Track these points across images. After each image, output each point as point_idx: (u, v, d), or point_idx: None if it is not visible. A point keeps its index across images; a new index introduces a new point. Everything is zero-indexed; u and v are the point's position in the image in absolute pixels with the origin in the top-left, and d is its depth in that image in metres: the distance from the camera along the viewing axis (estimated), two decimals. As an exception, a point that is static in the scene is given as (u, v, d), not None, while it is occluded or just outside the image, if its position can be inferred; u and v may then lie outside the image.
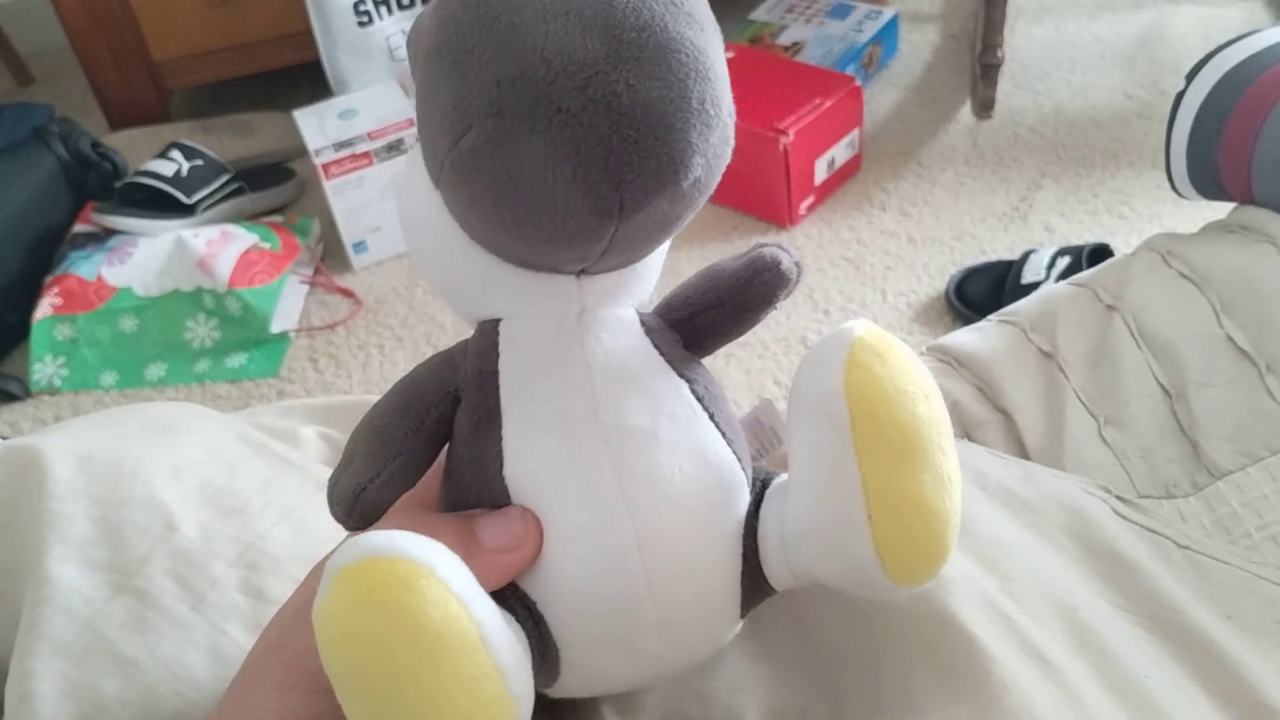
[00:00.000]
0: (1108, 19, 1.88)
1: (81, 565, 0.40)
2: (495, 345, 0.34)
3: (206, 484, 0.45)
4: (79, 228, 1.54)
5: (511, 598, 0.33)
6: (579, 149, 0.27)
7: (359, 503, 0.33)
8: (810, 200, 1.54)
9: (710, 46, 0.29)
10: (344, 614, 0.27)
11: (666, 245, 0.36)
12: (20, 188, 1.53)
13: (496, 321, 0.34)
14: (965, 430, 0.58)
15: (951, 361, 0.61)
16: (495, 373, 0.34)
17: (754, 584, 0.36)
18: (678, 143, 0.28)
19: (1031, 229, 1.48)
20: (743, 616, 0.37)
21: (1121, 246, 1.39)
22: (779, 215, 1.52)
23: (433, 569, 0.27)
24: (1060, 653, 0.41)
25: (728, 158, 0.31)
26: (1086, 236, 1.45)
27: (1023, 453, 0.55)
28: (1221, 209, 0.62)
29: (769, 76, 1.53)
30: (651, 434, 0.33)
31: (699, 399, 0.35)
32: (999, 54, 1.68)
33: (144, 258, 1.47)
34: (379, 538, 0.28)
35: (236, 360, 1.44)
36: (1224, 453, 0.50)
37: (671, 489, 0.33)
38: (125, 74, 1.77)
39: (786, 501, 0.35)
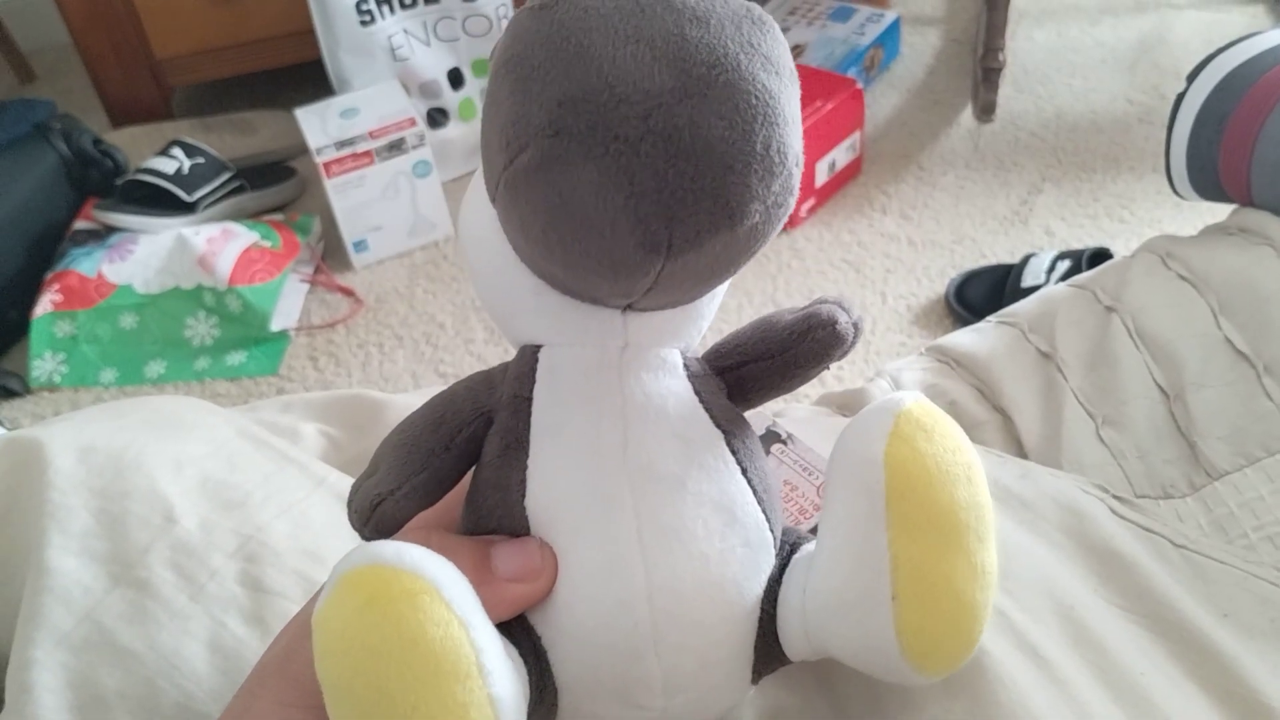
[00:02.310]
0: (1109, 24, 1.89)
1: (81, 556, 0.40)
2: (533, 371, 0.33)
3: (207, 477, 0.45)
4: (80, 225, 1.54)
5: (519, 630, 0.32)
6: (632, 179, 0.26)
7: (376, 513, 0.33)
8: (811, 203, 1.54)
9: (784, 92, 0.28)
10: (341, 619, 0.26)
11: (722, 290, 0.35)
12: (21, 184, 1.53)
13: (538, 348, 0.34)
14: (964, 430, 0.58)
15: (950, 361, 0.61)
16: (529, 399, 0.33)
17: (769, 651, 0.35)
18: (736, 186, 0.27)
19: (1032, 233, 1.48)
20: (754, 683, 0.36)
21: (1121, 250, 1.39)
22: (779, 217, 1.52)
23: (438, 587, 0.27)
24: (1057, 650, 0.41)
25: (790, 207, 0.30)
26: (1087, 240, 1.45)
27: (1021, 452, 0.55)
28: (1221, 212, 0.63)
29: (770, 78, 1.53)
30: (680, 482, 0.32)
31: (734, 453, 0.34)
32: (1000, 58, 1.68)
33: (144, 255, 1.47)
34: (390, 548, 0.27)
35: (236, 358, 1.44)
36: (1221, 453, 0.50)
37: (691, 542, 0.32)
38: (127, 71, 1.78)
39: (811, 570, 0.33)
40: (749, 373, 0.36)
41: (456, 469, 0.34)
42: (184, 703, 0.38)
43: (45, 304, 1.44)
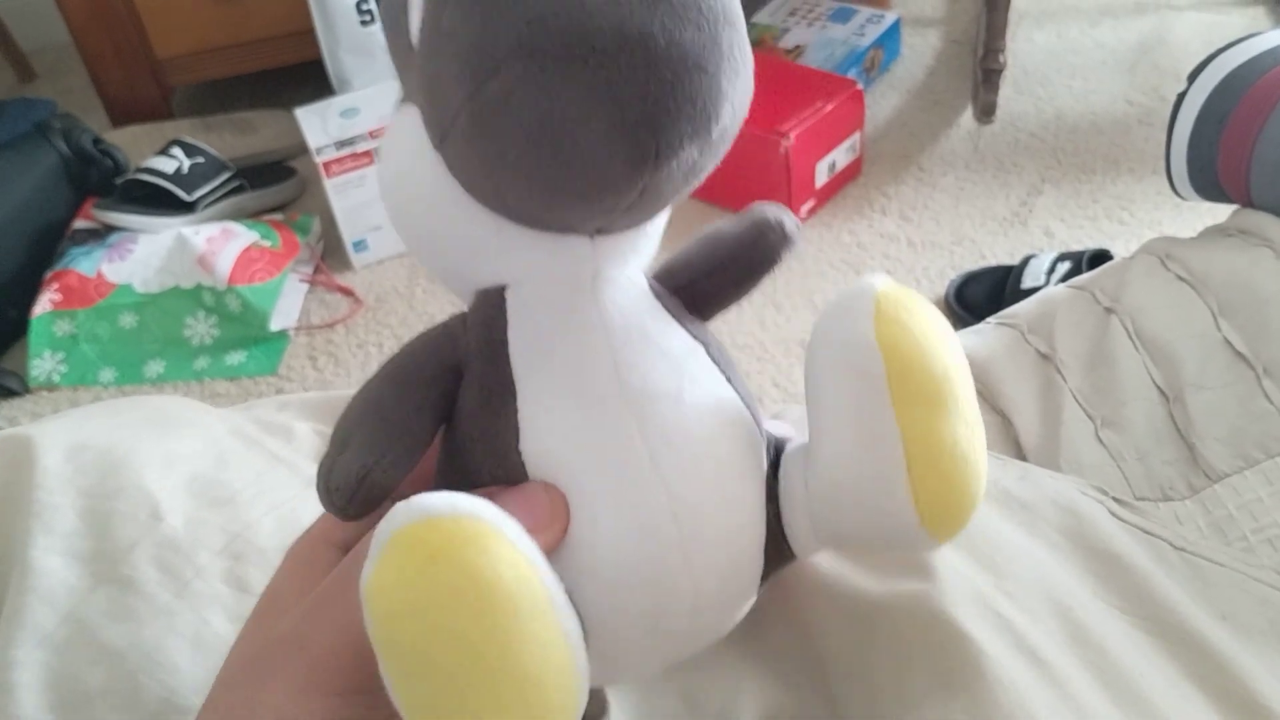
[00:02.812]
0: (1109, 25, 1.89)
1: (66, 556, 0.40)
2: (503, 313, 0.32)
3: (196, 475, 0.45)
4: (79, 224, 1.54)
5: None
6: (616, 93, 0.26)
7: (363, 487, 0.31)
8: (811, 203, 1.54)
9: None
10: (405, 581, 0.24)
11: (670, 207, 0.34)
12: (21, 183, 1.53)
13: (501, 289, 0.33)
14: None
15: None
16: (504, 342, 0.32)
17: (775, 551, 0.35)
18: (711, 88, 0.27)
19: (1032, 234, 1.48)
20: (761, 585, 0.36)
21: (1121, 252, 1.39)
22: (779, 218, 1.52)
23: (499, 528, 0.26)
24: (1055, 651, 0.41)
25: (746, 111, 0.30)
26: (1086, 242, 1.45)
27: (1020, 454, 0.55)
28: (1221, 213, 0.62)
29: (771, 80, 1.53)
30: (677, 397, 0.32)
31: (714, 361, 0.34)
32: (1001, 59, 1.68)
33: (144, 254, 1.47)
34: (435, 499, 0.26)
35: (236, 358, 1.44)
36: (1220, 455, 0.50)
37: (701, 452, 0.32)
38: (127, 70, 1.78)
39: (811, 461, 0.33)
40: (703, 288, 0.36)
41: (432, 430, 0.33)
42: (167, 698, 0.38)
43: (44, 303, 1.43)
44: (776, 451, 0.36)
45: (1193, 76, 0.62)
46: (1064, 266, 1.30)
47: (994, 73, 1.69)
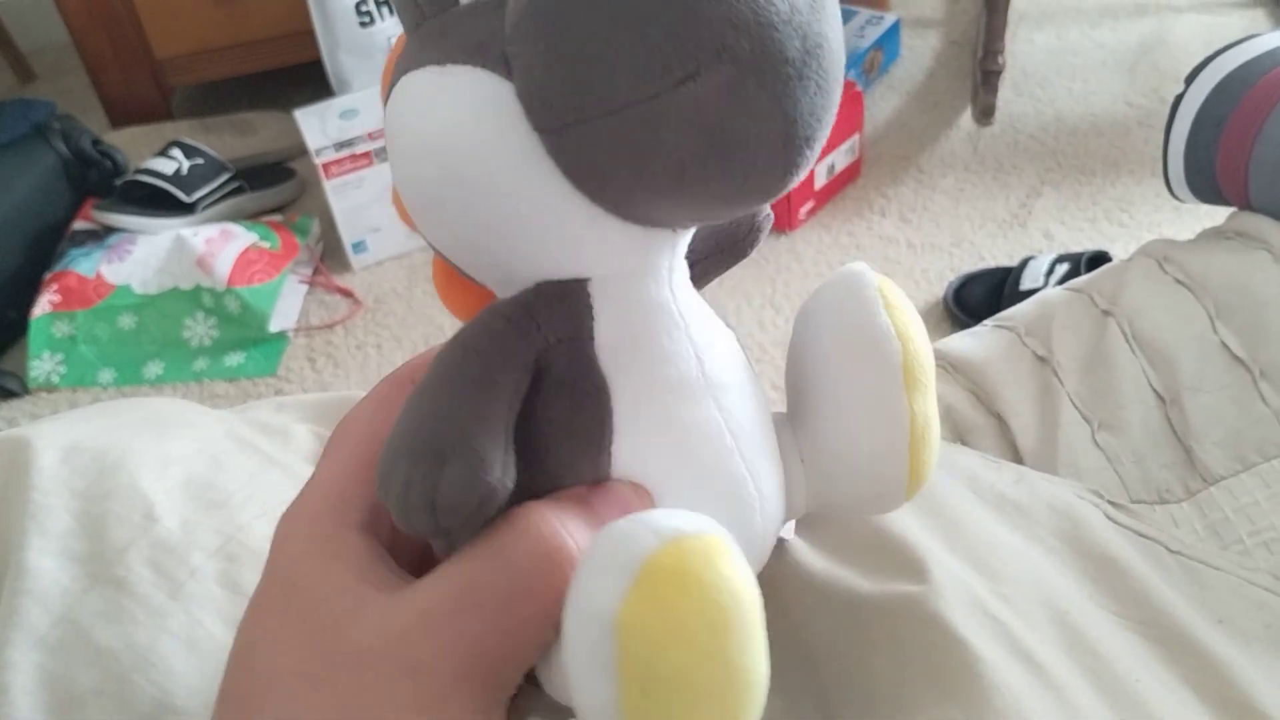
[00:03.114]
0: (1109, 26, 1.89)
1: (60, 557, 0.40)
2: (588, 307, 0.30)
3: (191, 477, 0.45)
4: (79, 225, 1.54)
5: None
6: (793, 104, 0.25)
7: (486, 502, 0.27)
8: (810, 205, 1.54)
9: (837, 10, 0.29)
10: (668, 608, 0.23)
11: None
12: (20, 184, 1.53)
13: (581, 282, 0.30)
14: (959, 434, 0.57)
15: (946, 366, 0.61)
16: (591, 338, 0.30)
17: None
18: (838, 97, 0.27)
19: (1031, 236, 1.48)
20: None
21: (1120, 254, 1.39)
22: (778, 219, 1.52)
23: (728, 541, 0.25)
24: (1051, 656, 0.41)
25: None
26: (1086, 244, 1.45)
27: (1016, 457, 0.55)
28: (1220, 216, 0.62)
29: (770, 81, 1.53)
30: (741, 387, 0.32)
31: (740, 345, 0.35)
32: (1000, 60, 1.68)
33: (143, 255, 1.47)
34: (673, 519, 0.25)
35: (234, 359, 1.44)
36: (1217, 458, 0.50)
37: (766, 441, 0.33)
38: (127, 71, 1.78)
39: (810, 435, 0.35)
40: (699, 271, 0.36)
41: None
42: (160, 699, 0.38)
43: (44, 304, 1.44)
44: None
45: (1190, 79, 0.62)
46: (1062, 268, 1.31)
47: (993, 74, 1.69)
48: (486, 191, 0.28)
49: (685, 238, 0.32)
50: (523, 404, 0.29)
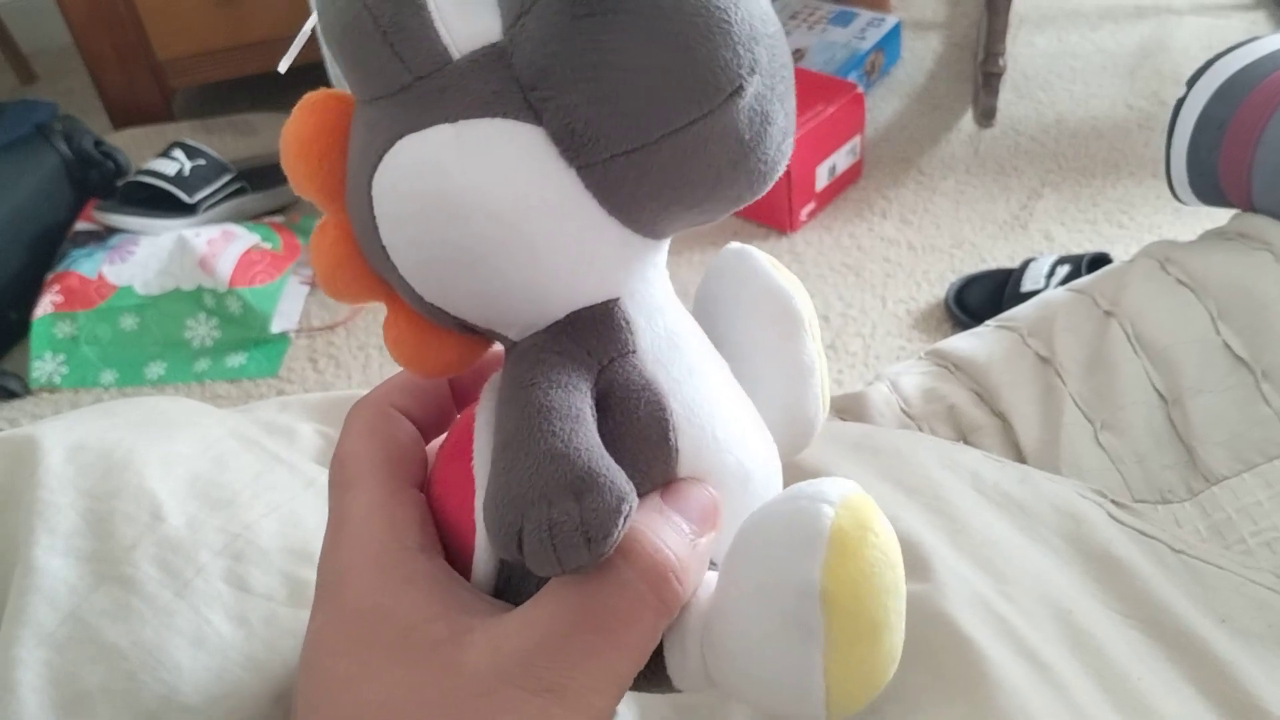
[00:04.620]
0: (1110, 29, 1.89)
1: (68, 555, 0.40)
2: (626, 324, 0.31)
3: (197, 476, 0.45)
4: (81, 226, 1.55)
5: None
6: (792, 100, 0.29)
7: (626, 524, 0.28)
8: (811, 206, 1.54)
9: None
10: (867, 559, 0.27)
11: None
12: (22, 185, 1.53)
13: (612, 303, 0.31)
14: (962, 434, 0.58)
15: (949, 365, 0.61)
16: (634, 352, 0.31)
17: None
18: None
19: (1032, 238, 1.48)
20: None
21: (1121, 256, 1.39)
22: (779, 221, 1.52)
23: (863, 490, 0.29)
24: (1055, 654, 0.41)
25: None
26: (1086, 246, 1.46)
27: (1019, 457, 0.55)
28: (1222, 217, 0.63)
29: (771, 82, 1.53)
30: (731, 376, 0.34)
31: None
32: (1001, 63, 1.68)
33: (145, 256, 1.47)
34: (817, 489, 0.28)
35: (236, 360, 1.44)
36: (1219, 458, 0.50)
37: (756, 413, 0.34)
38: (128, 72, 1.78)
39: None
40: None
41: None
42: (167, 696, 0.38)
43: (46, 305, 1.44)
44: None
45: (1191, 82, 0.62)
46: (1063, 270, 1.31)
47: (994, 76, 1.69)
48: (525, 237, 0.28)
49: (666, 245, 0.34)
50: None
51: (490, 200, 0.28)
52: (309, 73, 1.79)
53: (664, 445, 0.30)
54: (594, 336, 0.30)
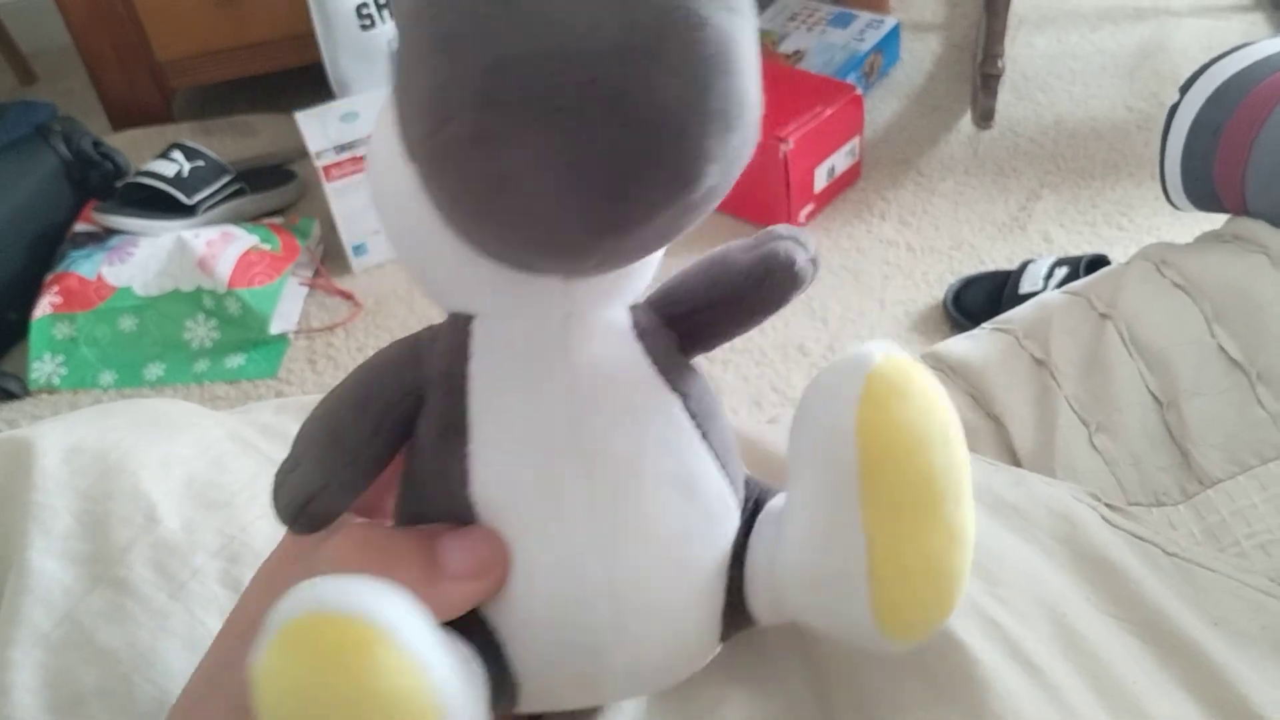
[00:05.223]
0: (1109, 30, 1.89)
1: (63, 558, 0.40)
2: (467, 345, 0.30)
3: (193, 478, 0.45)
4: (80, 227, 1.55)
5: (474, 624, 0.30)
6: (578, 155, 0.23)
7: (305, 511, 0.30)
8: (810, 208, 1.54)
9: (741, 31, 0.24)
10: (289, 675, 0.24)
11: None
12: (22, 186, 1.53)
13: (470, 318, 0.30)
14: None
15: (945, 369, 0.61)
16: (465, 377, 0.30)
17: (736, 614, 0.32)
18: (691, 151, 0.24)
19: (1030, 239, 1.48)
20: (722, 642, 0.34)
21: (1119, 257, 1.39)
22: (778, 222, 1.52)
23: (392, 632, 0.24)
24: (1048, 658, 0.41)
25: (747, 159, 0.26)
26: (1085, 247, 1.46)
27: (1014, 459, 0.55)
28: (1219, 220, 0.63)
29: (770, 84, 1.51)
30: (636, 462, 0.30)
31: (692, 416, 0.31)
32: (1000, 64, 1.68)
33: (144, 257, 1.47)
34: (333, 590, 0.24)
35: (235, 361, 1.44)
36: (1214, 461, 0.50)
37: (652, 527, 0.30)
38: (128, 73, 1.78)
39: (780, 539, 0.31)
40: (701, 320, 0.32)
41: (386, 454, 0.31)
42: (161, 699, 0.38)
43: (45, 306, 1.44)
44: (755, 508, 0.33)
45: (1185, 87, 0.62)
46: (1061, 271, 1.31)
47: (993, 78, 1.69)
48: (392, 207, 0.29)
49: (586, 289, 0.30)
50: (416, 429, 0.31)
51: (375, 169, 0.30)
52: (310, 74, 1.79)
53: (455, 480, 0.30)
54: (437, 344, 0.31)
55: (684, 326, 0.32)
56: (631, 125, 0.23)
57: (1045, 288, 1.29)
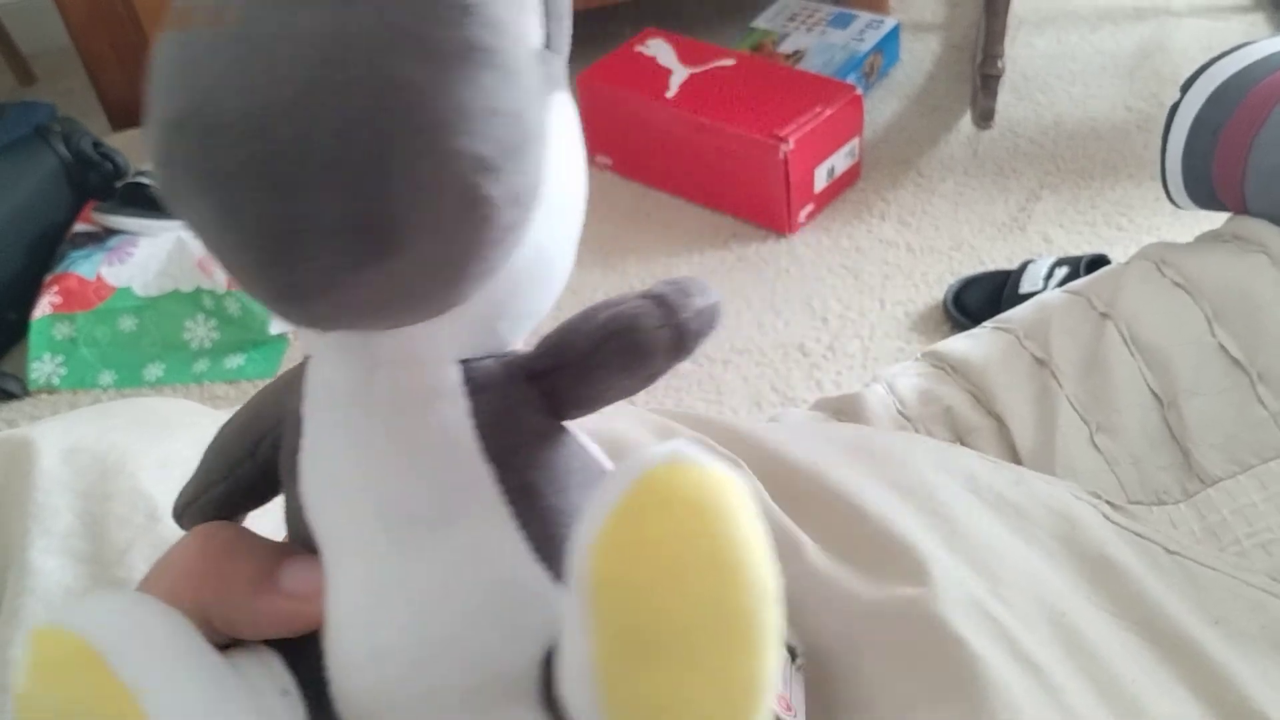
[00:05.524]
0: (1109, 31, 1.89)
1: (63, 557, 0.41)
2: (301, 385, 0.29)
3: (192, 477, 0.45)
4: (79, 227, 1.54)
5: (315, 655, 0.29)
6: (240, 220, 0.22)
7: (183, 516, 0.32)
8: (809, 208, 1.54)
9: (439, 78, 0.21)
10: (31, 680, 0.25)
11: (539, 272, 0.28)
12: (21, 186, 1.53)
13: (307, 357, 0.29)
14: (958, 435, 0.58)
15: (946, 367, 0.61)
16: (300, 416, 0.29)
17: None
18: (372, 213, 0.21)
19: (1030, 239, 1.48)
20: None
21: (1119, 257, 1.39)
22: (778, 223, 1.52)
23: (104, 656, 0.24)
24: (1049, 656, 0.41)
25: (486, 222, 0.23)
26: (1085, 247, 1.46)
27: (1015, 458, 0.55)
28: (1219, 220, 0.63)
29: (770, 84, 1.54)
30: (428, 533, 0.27)
31: (509, 492, 0.27)
32: (1000, 64, 1.68)
33: (144, 258, 1.47)
34: (89, 604, 0.26)
35: (235, 361, 1.44)
36: (1214, 460, 0.50)
37: (434, 602, 0.27)
38: (128, 74, 1.78)
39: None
40: (561, 381, 0.28)
41: (260, 476, 0.31)
42: None
43: (44, 306, 1.44)
44: None
45: (1186, 86, 0.62)
46: (1061, 272, 1.31)
47: (993, 78, 1.69)
48: None
49: (384, 340, 0.27)
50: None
51: None
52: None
53: (291, 510, 0.30)
54: (296, 381, 0.29)
55: (546, 385, 0.28)
56: (291, 189, 0.21)
57: (1045, 288, 1.29)
